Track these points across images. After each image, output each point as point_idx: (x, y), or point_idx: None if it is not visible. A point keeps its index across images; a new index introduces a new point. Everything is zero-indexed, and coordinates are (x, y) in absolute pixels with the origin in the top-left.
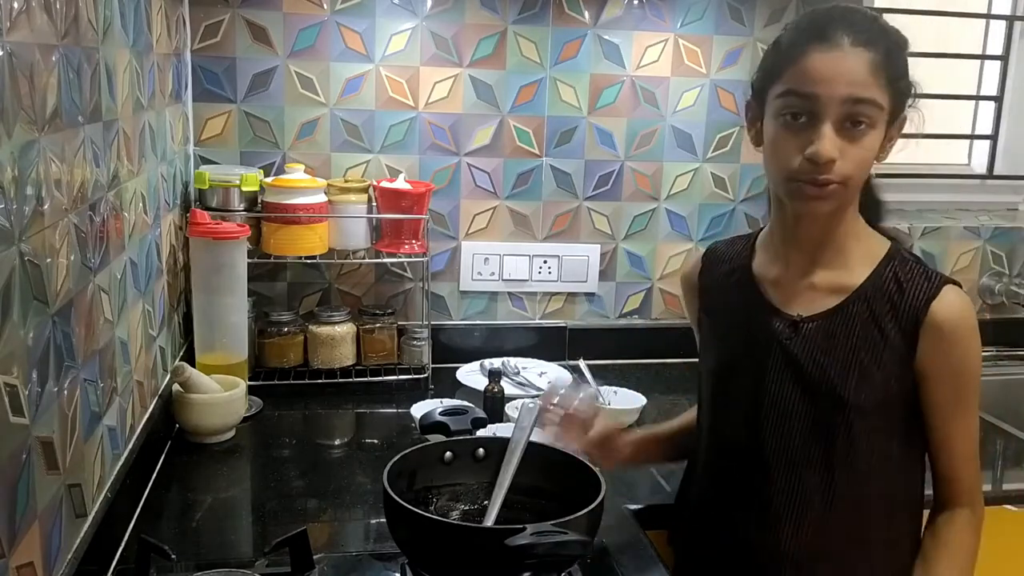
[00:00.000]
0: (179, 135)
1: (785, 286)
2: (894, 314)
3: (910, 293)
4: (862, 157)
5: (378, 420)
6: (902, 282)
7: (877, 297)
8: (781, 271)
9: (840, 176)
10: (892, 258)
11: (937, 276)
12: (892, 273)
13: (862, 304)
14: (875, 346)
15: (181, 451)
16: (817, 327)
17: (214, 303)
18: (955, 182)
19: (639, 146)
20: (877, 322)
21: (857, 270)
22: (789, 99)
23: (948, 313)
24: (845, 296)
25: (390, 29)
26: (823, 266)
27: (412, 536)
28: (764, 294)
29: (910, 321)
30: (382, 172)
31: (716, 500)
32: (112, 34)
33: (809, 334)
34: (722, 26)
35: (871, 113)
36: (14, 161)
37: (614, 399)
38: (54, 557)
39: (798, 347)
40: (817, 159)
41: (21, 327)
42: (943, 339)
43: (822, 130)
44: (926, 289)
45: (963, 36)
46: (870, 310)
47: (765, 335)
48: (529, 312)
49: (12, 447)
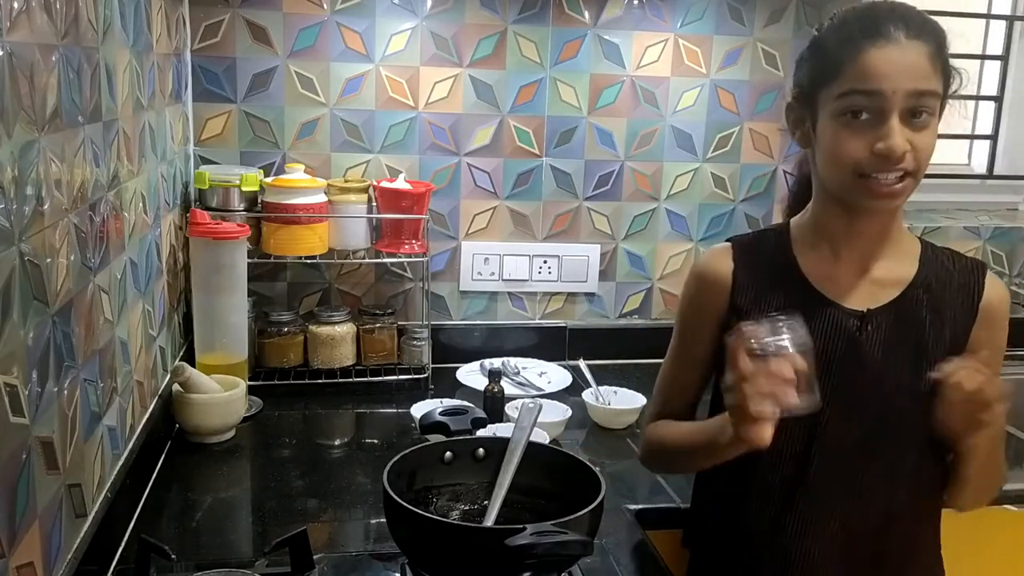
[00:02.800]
0: (179, 135)
1: (840, 281)
2: (952, 298)
3: (959, 277)
4: (927, 145)
5: (378, 420)
6: (949, 268)
7: (933, 284)
8: (833, 266)
9: (912, 167)
10: (927, 247)
11: (975, 261)
12: (938, 260)
13: (923, 292)
14: (938, 331)
15: (181, 451)
16: (885, 319)
17: (214, 303)
18: (955, 182)
19: (639, 146)
20: (937, 308)
21: (908, 260)
22: (853, 98)
23: (999, 292)
24: (904, 287)
25: (390, 29)
26: (881, 259)
27: (412, 536)
28: (819, 290)
29: (971, 301)
30: (382, 172)
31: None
32: (112, 34)
33: (878, 327)
34: (722, 26)
35: (933, 103)
36: (14, 161)
37: (614, 399)
38: (54, 557)
39: (869, 341)
40: (891, 153)
41: (21, 327)
42: (994, 318)
43: (891, 125)
44: (975, 273)
45: (963, 36)
46: (929, 297)
47: (831, 331)
48: (529, 312)
49: (12, 447)
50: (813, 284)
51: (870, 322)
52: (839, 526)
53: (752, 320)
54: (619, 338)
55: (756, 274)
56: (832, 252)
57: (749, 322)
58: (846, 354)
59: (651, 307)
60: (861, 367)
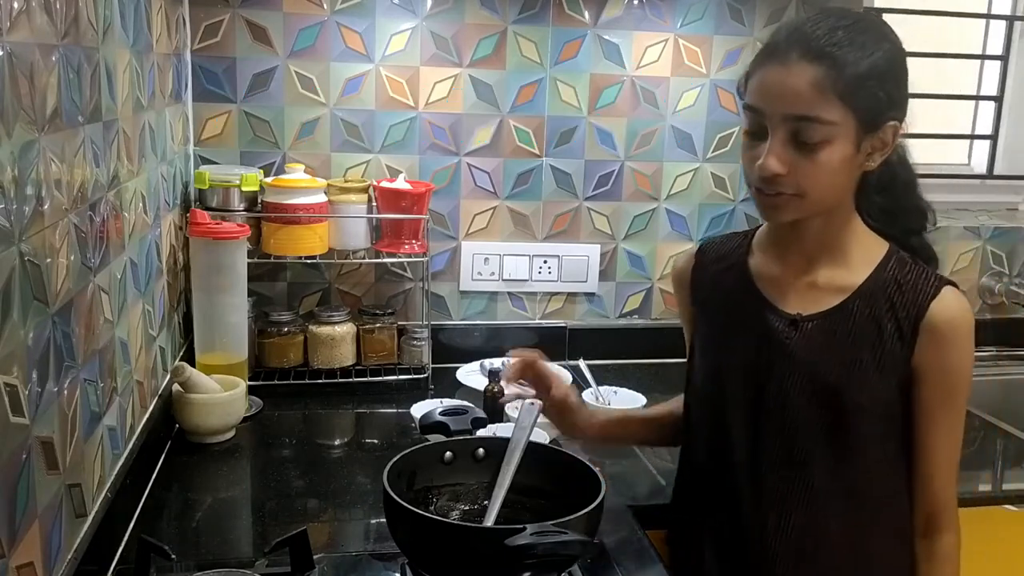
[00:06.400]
0: (179, 135)
1: (783, 285)
2: (894, 314)
3: (910, 293)
4: (817, 172)
5: (378, 420)
6: (902, 282)
7: (878, 296)
8: (779, 270)
9: (793, 189)
10: (890, 258)
11: (936, 277)
12: (892, 273)
13: (863, 303)
14: (875, 345)
15: (181, 451)
16: (817, 326)
17: (214, 303)
18: (955, 182)
19: (639, 146)
20: (877, 321)
21: (858, 270)
22: (747, 112)
23: (948, 313)
24: (846, 296)
25: (390, 29)
26: (823, 265)
27: (412, 536)
28: (762, 292)
29: (910, 320)
30: (382, 172)
31: (712, 497)
32: (112, 34)
33: (809, 333)
34: (722, 26)
35: (820, 130)
36: (14, 161)
37: (614, 399)
38: (54, 557)
39: (797, 346)
40: (762, 172)
41: (21, 327)
42: (941, 339)
43: (767, 144)
44: (926, 289)
45: (963, 36)
46: (870, 309)
47: (764, 333)
48: (529, 312)
49: (12, 447)
50: (756, 285)
51: (801, 327)
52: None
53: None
54: (619, 338)
55: (710, 274)
56: (779, 255)
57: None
58: (776, 356)
59: (651, 307)
60: (789, 371)
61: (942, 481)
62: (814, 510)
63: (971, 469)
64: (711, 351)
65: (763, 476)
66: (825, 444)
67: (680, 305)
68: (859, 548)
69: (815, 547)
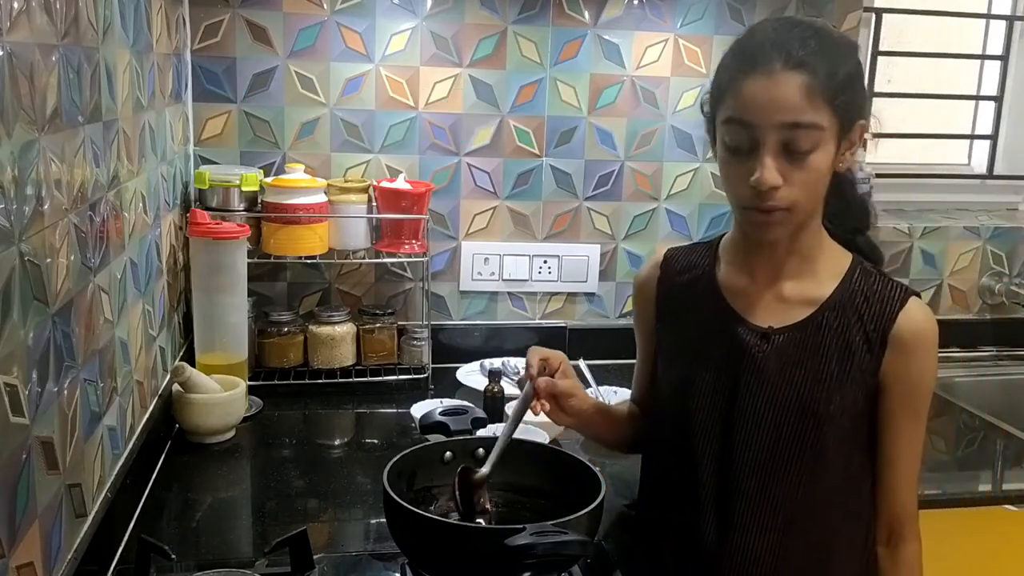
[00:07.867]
0: (179, 135)
1: (752, 297)
2: (862, 326)
3: (877, 305)
4: (808, 179)
5: (378, 420)
6: (868, 294)
7: (846, 309)
8: (747, 281)
9: (787, 202)
10: (855, 269)
11: (902, 288)
12: (858, 284)
13: (832, 315)
14: (844, 357)
15: (181, 451)
16: (788, 339)
17: (214, 303)
18: (955, 182)
19: (639, 146)
20: (846, 334)
21: (825, 282)
22: (730, 127)
23: (916, 325)
24: (815, 308)
25: (390, 29)
26: (791, 277)
27: (412, 536)
28: (731, 304)
29: (879, 332)
30: (382, 172)
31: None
32: (112, 34)
33: (780, 345)
34: (722, 26)
35: (811, 136)
36: (14, 161)
37: (614, 399)
38: (54, 557)
39: (769, 358)
40: (760, 186)
41: (21, 327)
42: (909, 350)
43: (762, 159)
44: (892, 301)
45: (963, 36)
46: (840, 321)
47: (734, 346)
48: (529, 312)
49: (12, 447)
50: (726, 297)
51: (772, 340)
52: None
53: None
54: (619, 338)
55: (678, 286)
56: (747, 267)
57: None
58: (745, 369)
59: None
60: (759, 383)
61: (905, 491)
62: (776, 530)
63: (971, 469)
64: (677, 364)
65: (729, 493)
66: (792, 459)
67: (640, 314)
68: (824, 559)
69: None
